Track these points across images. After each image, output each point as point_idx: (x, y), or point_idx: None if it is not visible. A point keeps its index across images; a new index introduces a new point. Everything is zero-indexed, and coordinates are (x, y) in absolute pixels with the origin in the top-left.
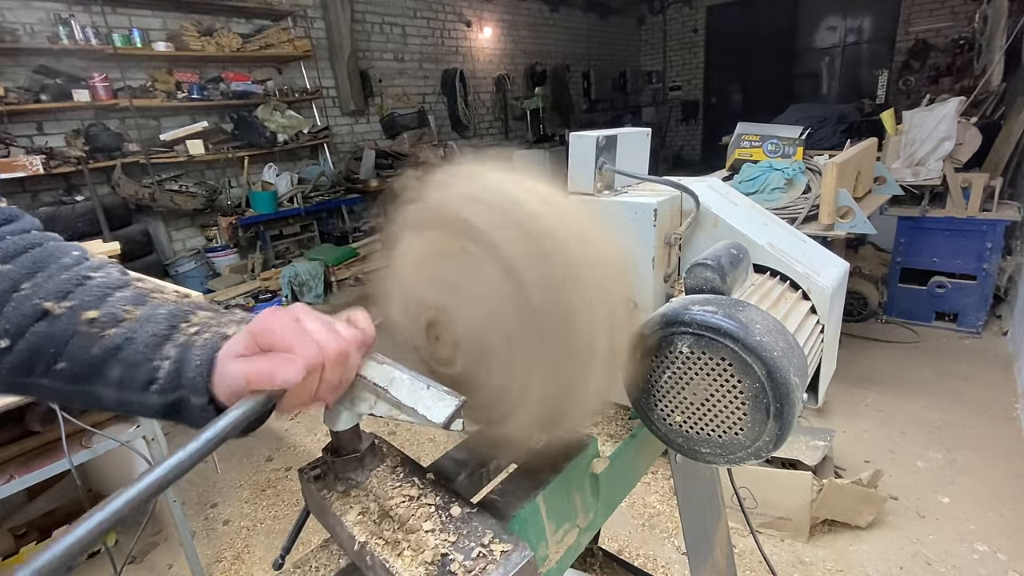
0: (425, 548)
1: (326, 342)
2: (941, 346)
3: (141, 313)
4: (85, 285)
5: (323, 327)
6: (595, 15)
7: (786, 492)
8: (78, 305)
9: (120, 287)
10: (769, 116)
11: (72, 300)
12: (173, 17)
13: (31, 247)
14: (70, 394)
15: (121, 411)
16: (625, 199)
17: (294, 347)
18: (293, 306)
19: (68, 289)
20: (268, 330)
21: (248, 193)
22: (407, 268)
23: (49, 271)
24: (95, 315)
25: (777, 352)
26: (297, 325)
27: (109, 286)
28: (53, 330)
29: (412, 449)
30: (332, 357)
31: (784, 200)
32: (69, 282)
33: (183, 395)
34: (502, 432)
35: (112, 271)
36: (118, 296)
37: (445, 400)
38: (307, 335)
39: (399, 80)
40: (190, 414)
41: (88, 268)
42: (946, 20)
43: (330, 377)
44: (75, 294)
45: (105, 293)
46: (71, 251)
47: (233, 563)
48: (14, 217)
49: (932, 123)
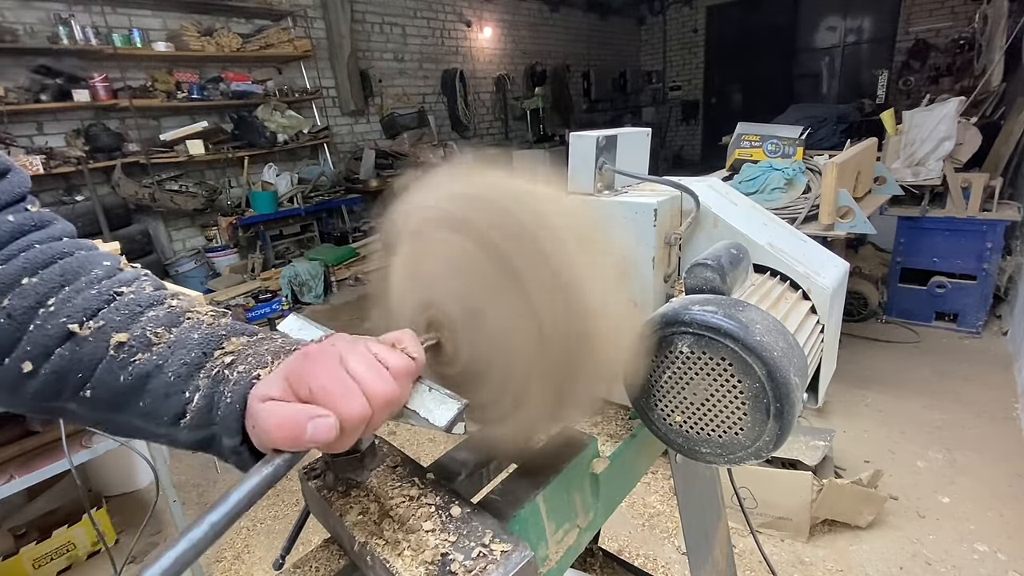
0: (425, 548)
1: (373, 390)
2: (941, 346)
3: (173, 336)
4: (116, 302)
5: (369, 369)
6: (595, 15)
7: (786, 492)
8: (107, 326)
9: (152, 305)
10: (769, 116)
11: (100, 320)
12: (173, 17)
13: (60, 257)
14: (98, 421)
15: (151, 440)
16: (625, 199)
17: (336, 400)
18: (335, 341)
19: (97, 307)
20: (306, 376)
21: (248, 193)
22: (407, 268)
23: (77, 285)
24: (124, 338)
25: (777, 352)
26: (340, 370)
27: (140, 304)
28: (80, 354)
29: (412, 449)
30: (380, 405)
31: (784, 200)
32: (98, 298)
33: (215, 432)
34: (502, 432)
35: (145, 286)
36: (149, 316)
37: (447, 403)
38: (351, 385)
39: (399, 80)
40: (221, 452)
41: (119, 282)
42: (946, 20)
43: (376, 424)
44: (104, 312)
45: (136, 312)
46: (102, 261)
47: (233, 563)
48: (44, 223)
49: (932, 123)
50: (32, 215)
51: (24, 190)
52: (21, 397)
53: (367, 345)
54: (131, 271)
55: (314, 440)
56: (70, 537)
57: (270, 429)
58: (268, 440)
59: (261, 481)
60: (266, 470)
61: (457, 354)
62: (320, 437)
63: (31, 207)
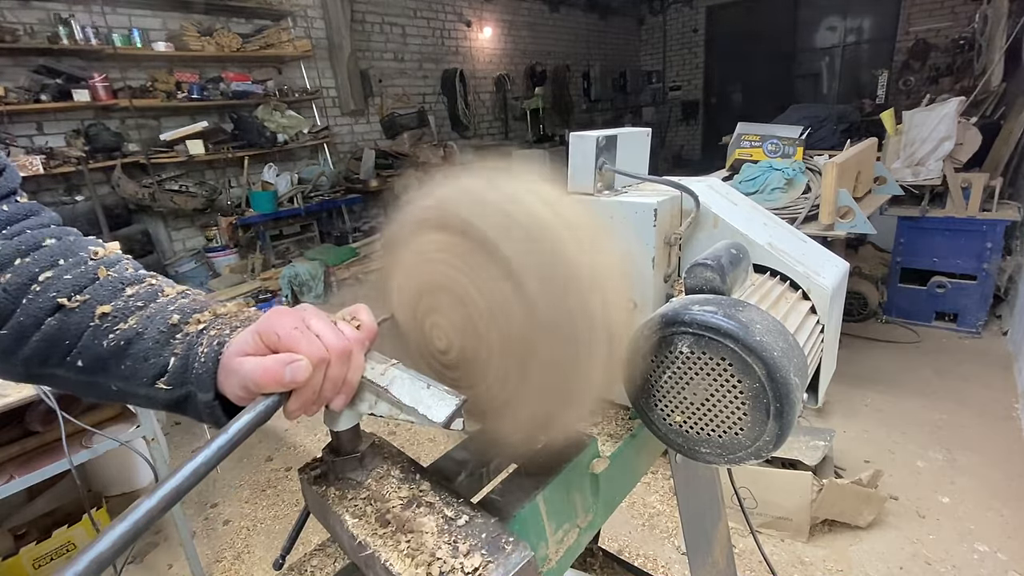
0: (425, 548)
1: (330, 341)
2: (941, 346)
3: (152, 309)
4: (100, 280)
5: (327, 327)
6: (595, 15)
7: (786, 492)
8: (92, 299)
9: (133, 283)
10: (769, 116)
11: (86, 295)
12: (173, 17)
13: (49, 240)
14: (83, 385)
15: (131, 403)
16: (625, 199)
17: (300, 347)
18: (300, 306)
19: (83, 284)
20: (274, 330)
21: (248, 193)
22: (407, 268)
23: (66, 265)
24: (108, 309)
25: (777, 352)
26: (302, 325)
27: (123, 281)
28: (68, 324)
29: (412, 449)
30: (336, 355)
31: (784, 200)
32: (84, 276)
33: (190, 391)
34: (502, 431)
35: (127, 266)
36: (131, 292)
37: (445, 400)
38: (312, 335)
39: (399, 80)
40: (196, 409)
41: (103, 263)
42: (946, 20)
43: (334, 374)
44: (89, 288)
45: (118, 288)
46: (88, 246)
47: (233, 563)
48: (34, 212)
49: (932, 123)
50: (23, 205)
51: (15, 185)
52: (13, 363)
53: (326, 315)
54: (114, 255)
55: (293, 379)
56: (70, 537)
57: (257, 377)
58: (256, 387)
59: (255, 416)
60: (259, 407)
61: (457, 354)
62: (298, 376)
63: (20, 198)
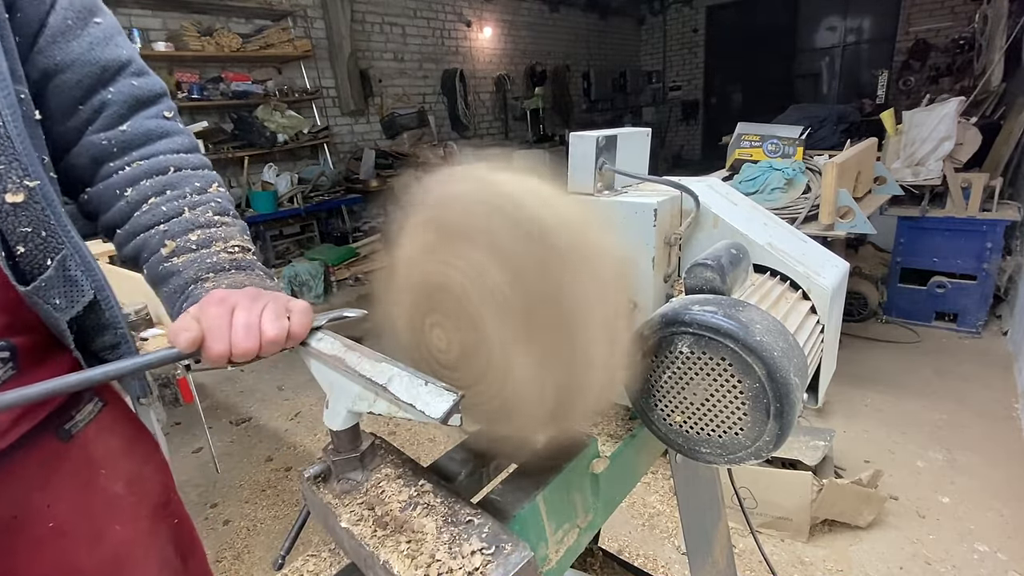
0: (424, 549)
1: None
2: (941, 346)
3: (195, 256)
4: (180, 217)
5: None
6: (595, 15)
7: (786, 492)
8: (168, 231)
9: (203, 226)
10: (769, 116)
11: (166, 226)
12: (173, 17)
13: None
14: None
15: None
16: (625, 199)
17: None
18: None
19: (170, 215)
20: (206, 308)
21: (248, 193)
22: (407, 267)
23: (169, 196)
24: (172, 246)
25: (777, 352)
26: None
27: (192, 224)
28: (148, 243)
29: (412, 449)
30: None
31: (784, 200)
32: (174, 210)
33: None
34: (502, 431)
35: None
36: (193, 237)
37: (443, 396)
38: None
39: (399, 80)
40: None
41: (190, 204)
42: (946, 20)
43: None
44: (172, 221)
45: (188, 229)
46: (194, 181)
47: (233, 563)
48: (169, 133)
49: (932, 123)
50: (163, 124)
51: (159, 91)
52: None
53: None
54: (205, 196)
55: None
56: None
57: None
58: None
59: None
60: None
61: (457, 354)
62: (179, 343)
63: (168, 113)
